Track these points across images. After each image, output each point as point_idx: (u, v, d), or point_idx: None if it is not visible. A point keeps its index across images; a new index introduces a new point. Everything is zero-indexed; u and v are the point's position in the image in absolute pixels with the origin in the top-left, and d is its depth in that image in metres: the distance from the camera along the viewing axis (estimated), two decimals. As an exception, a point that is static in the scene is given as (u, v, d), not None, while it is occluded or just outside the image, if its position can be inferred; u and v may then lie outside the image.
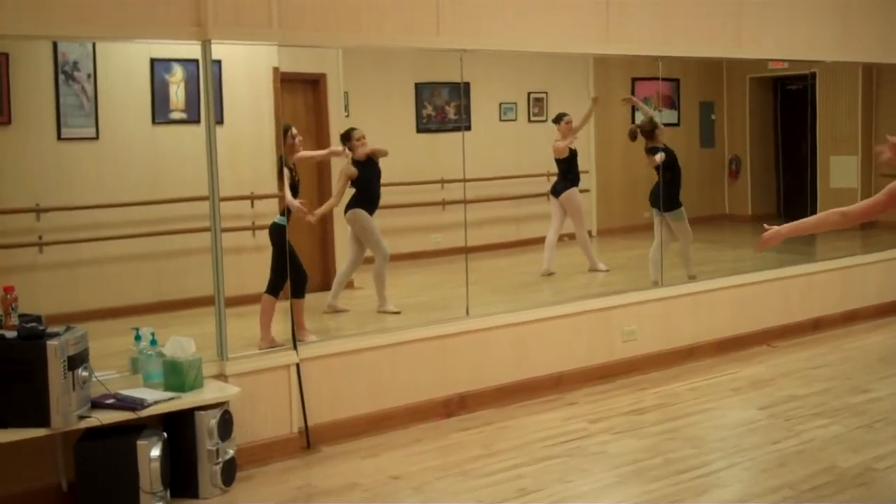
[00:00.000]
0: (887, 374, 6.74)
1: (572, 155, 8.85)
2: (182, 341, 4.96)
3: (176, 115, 7.34)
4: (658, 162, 7.86)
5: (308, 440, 5.51)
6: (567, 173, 8.83)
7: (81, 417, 4.45)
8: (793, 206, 10.03)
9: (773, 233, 4.34)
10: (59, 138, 6.87)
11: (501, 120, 9.74)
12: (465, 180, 7.10)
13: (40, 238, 6.73)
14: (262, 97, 7.41)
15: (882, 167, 4.30)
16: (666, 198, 8.02)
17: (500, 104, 9.68)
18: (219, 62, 5.55)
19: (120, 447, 4.50)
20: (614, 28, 6.85)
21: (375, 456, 5.37)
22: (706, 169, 10.89)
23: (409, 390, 5.94)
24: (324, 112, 8.38)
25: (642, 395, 6.41)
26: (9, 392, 4.33)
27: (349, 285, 8.36)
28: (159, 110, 7.27)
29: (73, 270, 6.90)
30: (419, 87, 9.25)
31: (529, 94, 9.86)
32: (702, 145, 10.74)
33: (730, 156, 10.47)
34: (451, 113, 9.35)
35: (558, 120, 8.92)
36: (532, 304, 6.84)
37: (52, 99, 6.79)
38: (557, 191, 8.92)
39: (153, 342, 5.04)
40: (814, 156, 9.39)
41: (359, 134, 7.64)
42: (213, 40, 5.14)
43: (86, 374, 4.50)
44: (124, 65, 7.16)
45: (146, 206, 7.04)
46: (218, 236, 5.25)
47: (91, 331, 4.70)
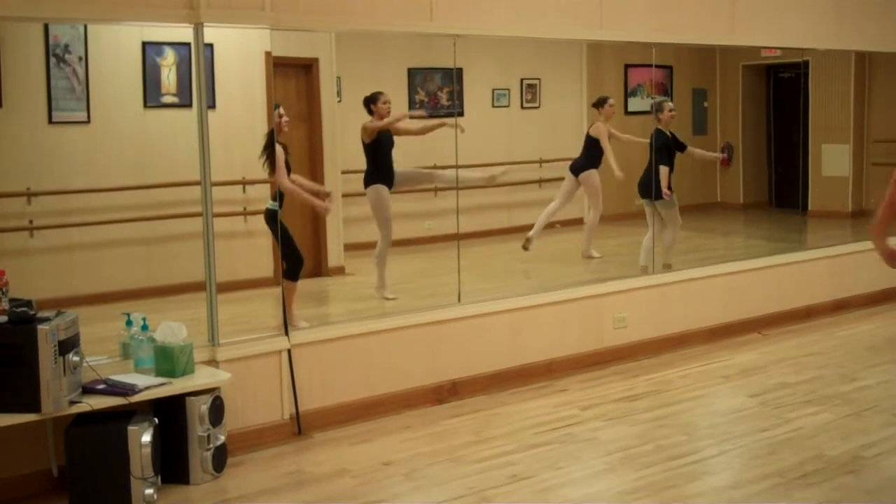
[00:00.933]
0: (877, 362, 6.76)
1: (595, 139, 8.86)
2: (173, 326, 4.95)
3: (168, 99, 7.32)
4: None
5: (299, 426, 5.50)
6: (593, 155, 8.80)
7: (72, 403, 4.43)
8: (784, 195, 10.06)
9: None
10: (51, 122, 6.84)
11: (494, 106, 9.73)
12: (457, 166, 7.09)
13: (31, 222, 6.71)
14: (255, 81, 7.41)
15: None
16: (657, 185, 8.03)
17: (493, 90, 9.67)
18: (211, 46, 5.51)
19: (111, 433, 4.49)
20: (607, 14, 6.83)
21: (366, 442, 5.37)
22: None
23: (401, 377, 5.94)
24: (316, 97, 8.36)
25: (634, 382, 6.43)
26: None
27: (340, 271, 8.37)
28: (151, 94, 7.25)
29: (65, 255, 6.88)
30: (412, 73, 9.23)
31: (522, 80, 9.84)
32: (694, 132, 10.73)
33: (722, 143, 10.47)
34: (443, 99, 9.33)
35: (602, 103, 8.88)
36: (524, 291, 6.84)
37: (44, 82, 6.77)
38: (576, 169, 8.87)
39: (144, 327, 5.03)
40: (806, 144, 9.40)
41: (385, 98, 7.47)
42: (205, 23, 5.10)
43: (77, 359, 4.48)
44: (116, 48, 7.13)
45: (137, 190, 7.03)
46: (209, 221, 5.23)
47: (82, 316, 4.68)
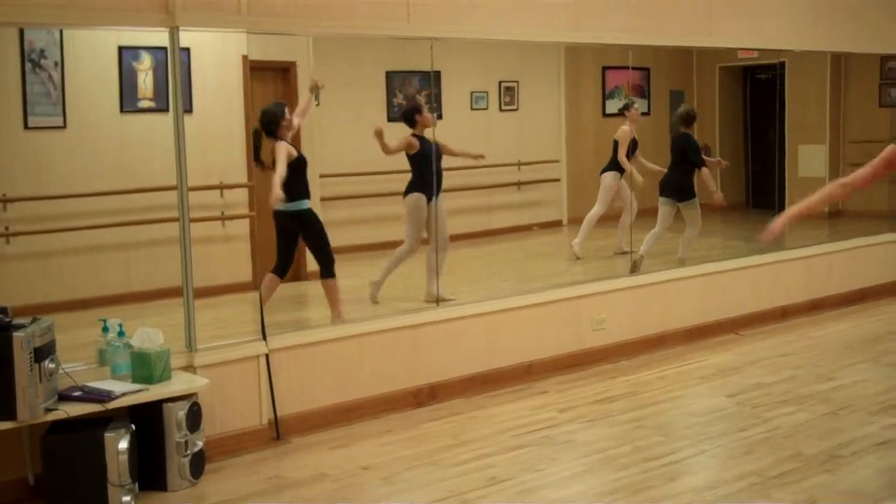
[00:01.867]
0: (853, 361, 6.81)
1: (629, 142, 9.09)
2: (150, 332, 4.93)
3: (144, 104, 7.29)
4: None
5: (278, 431, 5.49)
6: (615, 158, 9.01)
7: (48, 410, 4.41)
8: (761, 195, 10.12)
9: (779, 222, 4.24)
10: (26, 127, 6.80)
11: (473, 109, 9.74)
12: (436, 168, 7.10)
13: (7, 228, 6.67)
14: (232, 85, 7.40)
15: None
16: (685, 187, 8.33)
17: (472, 93, 9.68)
18: (187, 50, 5.51)
19: (87, 440, 4.47)
20: (584, 17, 6.85)
21: (345, 446, 5.37)
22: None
23: (379, 380, 5.93)
24: (294, 100, 8.32)
25: (612, 384, 6.45)
26: (-26, 385, 4.28)
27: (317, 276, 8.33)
28: (127, 98, 7.22)
29: (41, 261, 6.84)
30: (390, 76, 9.23)
31: (500, 82, 9.86)
32: (672, 134, 10.78)
33: (700, 144, 10.52)
34: (422, 102, 9.33)
35: (628, 107, 9.12)
36: (502, 294, 6.85)
37: (19, 87, 6.72)
38: (602, 171, 9.09)
39: (121, 333, 5.00)
40: (782, 145, 9.46)
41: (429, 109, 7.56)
42: (180, 27, 5.08)
43: (52, 366, 4.45)
44: (92, 53, 7.09)
45: (115, 195, 6.99)
46: (186, 226, 5.21)
47: (58, 322, 4.66)
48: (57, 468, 4.47)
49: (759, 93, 11.13)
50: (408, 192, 7.26)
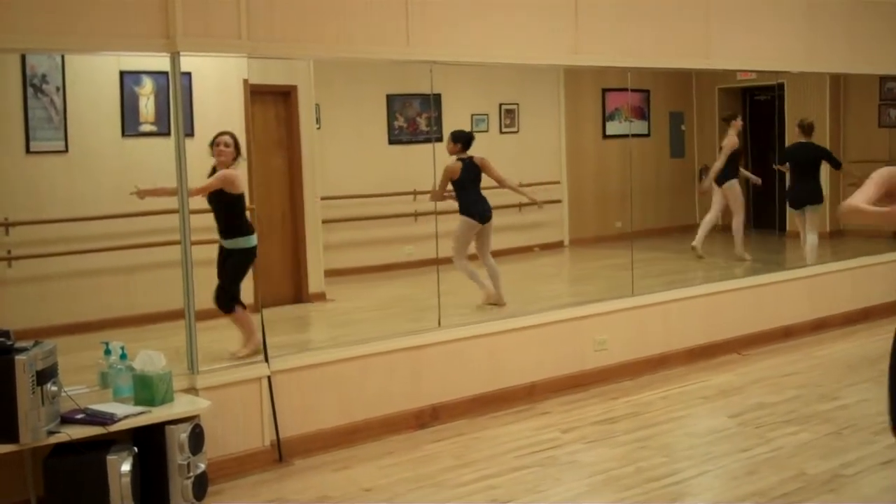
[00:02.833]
0: (856, 381, 6.80)
1: (735, 152, 9.57)
2: (152, 355, 4.93)
3: (146, 128, 7.31)
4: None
5: (280, 453, 5.48)
6: (732, 168, 9.56)
7: (51, 433, 4.40)
8: (761, 216, 10.12)
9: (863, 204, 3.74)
10: (28, 152, 6.82)
11: (473, 131, 9.77)
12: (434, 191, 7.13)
13: (9, 252, 6.67)
14: (233, 109, 7.41)
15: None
16: (819, 191, 9.05)
17: (472, 115, 9.71)
18: (189, 74, 5.53)
19: (90, 462, 4.46)
20: (583, 40, 6.90)
21: (348, 468, 5.36)
22: (676, 179, 10.97)
23: (382, 402, 5.93)
24: (295, 124, 8.38)
25: (614, 404, 6.44)
26: (-24, 408, 4.28)
27: (321, 297, 8.36)
28: (129, 123, 7.24)
29: (43, 285, 6.84)
30: (390, 99, 9.27)
31: (501, 104, 9.90)
32: (672, 155, 10.83)
33: (700, 166, 10.55)
34: (422, 124, 9.37)
35: (732, 118, 9.64)
36: (504, 315, 6.85)
37: (21, 112, 6.74)
38: (719, 180, 9.57)
39: (123, 356, 5.01)
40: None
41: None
42: (181, 52, 5.13)
43: (55, 388, 4.45)
44: (93, 77, 7.12)
45: (116, 219, 7.00)
46: (188, 249, 5.23)
47: (61, 345, 4.66)
48: (59, 491, 4.46)
49: (758, 114, 11.15)
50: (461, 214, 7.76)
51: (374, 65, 7.37)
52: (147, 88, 7.26)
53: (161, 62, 5.31)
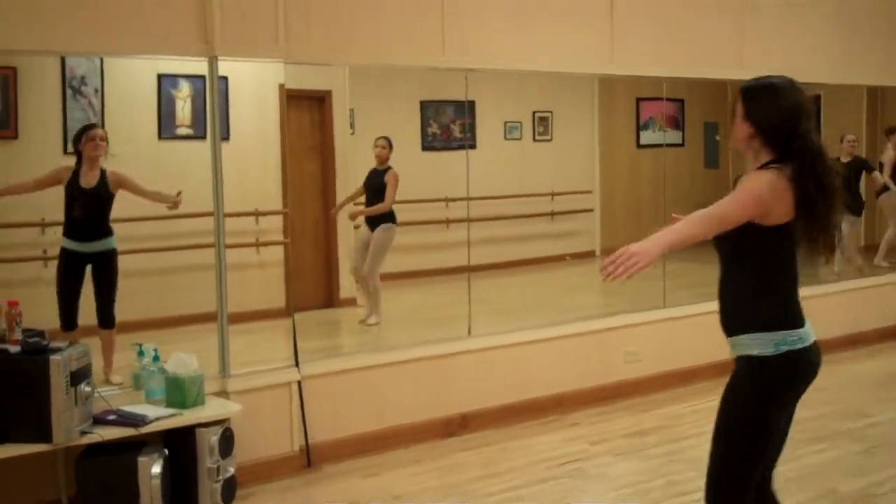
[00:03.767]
0: (887, 398, 6.73)
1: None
2: (184, 358, 4.97)
3: (182, 131, 7.36)
4: None
5: (309, 458, 5.51)
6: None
7: (83, 433, 4.46)
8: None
9: (647, 252, 2.89)
10: (66, 153, 6.88)
11: (506, 139, 9.77)
12: (468, 199, 7.13)
13: (45, 252, 6.74)
14: (268, 113, 7.45)
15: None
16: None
17: (506, 123, 9.71)
18: (225, 78, 5.59)
19: (121, 463, 4.51)
20: (618, 49, 6.89)
21: (376, 475, 5.37)
22: (710, 189, 10.89)
23: (411, 409, 5.94)
24: (329, 128, 8.42)
25: (644, 417, 6.41)
26: (11, 407, 4.33)
27: (352, 302, 8.37)
28: (165, 126, 7.29)
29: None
30: (424, 105, 9.28)
31: (534, 112, 9.88)
32: (706, 165, 10.73)
33: (734, 176, 10.47)
34: (456, 131, 9.37)
35: (892, 132, 9.83)
36: (534, 324, 6.83)
37: (59, 113, 6.81)
38: (877, 193, 9.81)
39: (156, 358, 5.06)
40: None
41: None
42: (219, 57, 5.17)
43: (88, 389, 4.51)
44: (131, 80, 7.18)
45: (151, 221, 7.06)
46: (222, 252, 5.28)
47: (93, 345, 4.71)
48: (91, 491, 4.51)
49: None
50: None
51: (408, 71, 7.39)
52: (184, 92, 7.32)
53: (198, 66, 5.37)
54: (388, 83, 8.61)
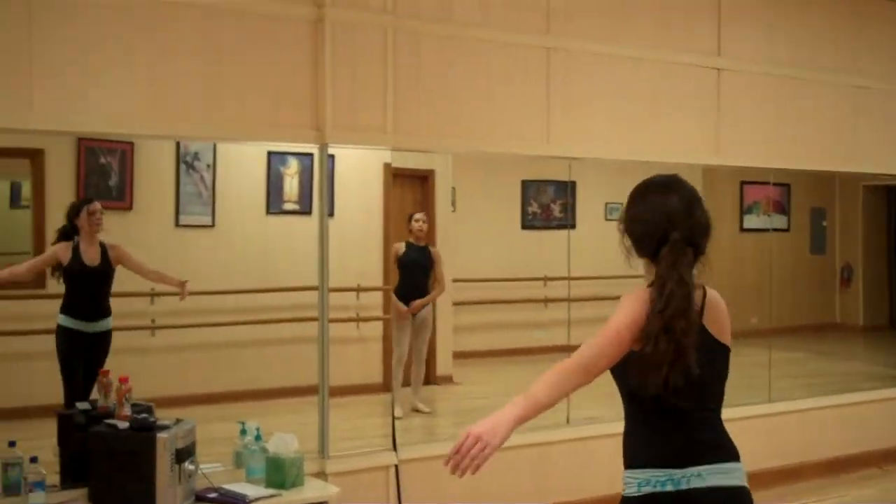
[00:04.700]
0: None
1: None
2: (286, 438, 5.01)
3: (288, 206, 7.56)
4: None
5: (404, 543, 5.48)
6: None
7: (185, 511, 4.52)
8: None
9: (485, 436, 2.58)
10: (177, 225, 7.12)
11: (607, 219, 9.74)
12: (569, 278, 7.10)
13: (153, 321, 6.94)
14: (373, 191, 7.62)
15: None
16: None
17: (606, 204, 9.69)
18: (332, 157, 5.72)
19: (221, 542, 4.55)
20: (724, 139, 6.82)
21: (470, 563, 5.31)
22: (816, 276, 10.66)
23: (507, 496, 5.86)
24: (431, 206, 8.53)
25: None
26: (117, 482, 4.42)
27: (448, 380, 8.37)
28: (273, 201, 7.50)
29: (183, 354, 7.07)
30: (525, 184, 9.34)
31: (636, 193, 9.84)
32: (812, 251, 10.54)
33: (841, 263, 10.25)
34: (556, 211, 9.39)
35: None
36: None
37: (173, 187, 7.06)
38: None
39: (258, 437, 5.11)
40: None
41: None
42: (330, 144, 5.30)
43: (192, 467, 4.57)
44: (242, 157, 7.42)
45: (255, 293, 7.22)
46: (325, 327, 5.33)
47: (193, 414, 4.78)
48: (190, 569, 4.56)
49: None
50: None
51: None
52: (292, 169, 7.53)
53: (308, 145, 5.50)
54: (490, 163, 8.70)
